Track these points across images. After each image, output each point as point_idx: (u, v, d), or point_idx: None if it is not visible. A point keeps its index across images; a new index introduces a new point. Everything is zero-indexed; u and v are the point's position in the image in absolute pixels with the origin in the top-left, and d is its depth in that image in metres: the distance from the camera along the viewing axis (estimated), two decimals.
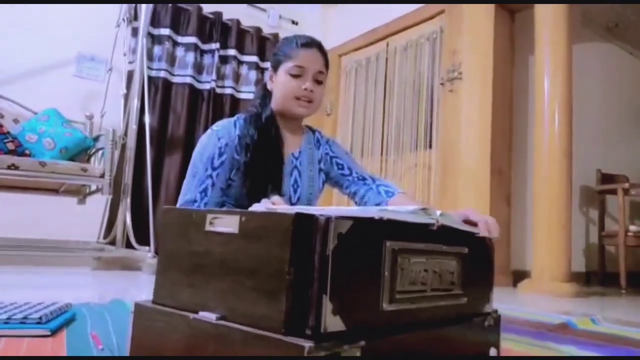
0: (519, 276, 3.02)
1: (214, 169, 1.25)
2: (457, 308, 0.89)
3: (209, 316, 0.72)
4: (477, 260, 0.95)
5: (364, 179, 1.42)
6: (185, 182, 1.27)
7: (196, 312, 0.74)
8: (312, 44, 1.34)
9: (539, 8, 2.98)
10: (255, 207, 0.87)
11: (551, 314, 1.87)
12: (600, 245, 3.64)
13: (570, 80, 2.90)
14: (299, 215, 0.66)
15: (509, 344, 1.19)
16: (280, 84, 1.33)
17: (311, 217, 0.65)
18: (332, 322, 0.63)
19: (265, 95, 1.39)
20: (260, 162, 1.26)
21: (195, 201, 1.23)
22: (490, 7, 3.26)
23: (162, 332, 0.80)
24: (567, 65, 2.90)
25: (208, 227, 0.77)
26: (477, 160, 3.16)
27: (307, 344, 0.60)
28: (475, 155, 3.18)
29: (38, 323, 1.04)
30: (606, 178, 3.71)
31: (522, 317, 1.70)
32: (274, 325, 0.64)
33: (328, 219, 0.64)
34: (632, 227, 3.34)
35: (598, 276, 3.62)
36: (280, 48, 1.37)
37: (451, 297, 0.87)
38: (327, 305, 0.63)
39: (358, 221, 0.68)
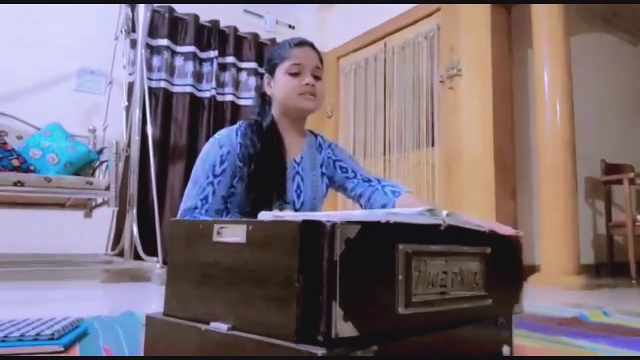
0: (528, 270, 3.01)
1: (215, 176, 1.26)
2: (481, 310, 0.87)
3: (220, 326, 0.72)
4: (503, 260, 0.93)
5: (369, 180, 1.41)
6: (186, 189, 1.28)
7: (207, 323, 0.75)
8: (305, 42, 1.38)
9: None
10: (263, 216, 0.88)
11: (562, 307, 1.86)
12: (608, 236, 3.61)
13: (569, 72, 2.89)
14: (305, 222, 0.66)
15: (521, 340, 1.19)
16: (281, 84, 1.33)
17: (318, 224, 0.65)
18: (344, 328, 0.63)
19: (264, 102, 1.40)
20: (263, 171, 1.27)
21: (196, 208, 1.23)
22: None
23: (174, 344, 0.80)
24: (566, 57, 2.89)
25: (216, 238, 0.77)
26: (481, 156, 3.15)
27: (319, 351, 0.60)
28: (478, 151, 3.17)
29: (51, 339, 1.04)
30: (611, 168, 3.69)
31: (533, 312, 1.69)
32: (286, 333, 0.64)
33: (334, 225, 0.64)
34: None
35: (607, 267, 3.60)
36: (274, 53, 1.39)
37: (475, 298, 0.86)
38: (338, 312, 0.63)
39: (366, 225, 0.68)
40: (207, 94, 3.88)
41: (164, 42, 3.72)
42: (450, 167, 3.33)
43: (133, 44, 3.42)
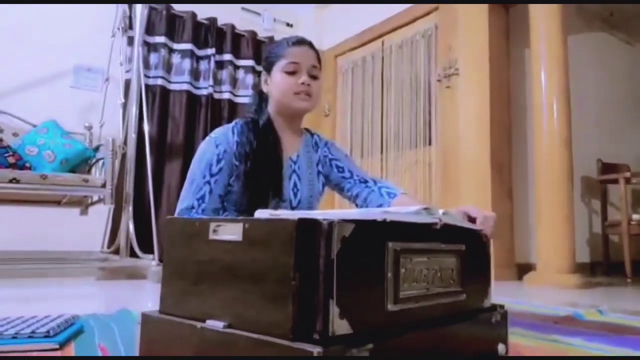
0: (524, 269, 3.02)
1: (211, 175, 1.26)
2: (457, 305, 0.89)
3: (216, 324, 0.72)
4: (474, 256, 0.95)
5: (365, 181, 1.41)
6: (183, 189, 1.28)
7: (203, 321, 0.75)
8: (303, 41, 1.37)
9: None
10: (259, 214, 0.88)
11: (557, 306, 1.87)
12: (603, 235, 3.63)
13: (566, 72, 2.90)
14: (302, 220, 0.66)
15: (516, 338, 1.19)
16: (277, 83, 1.33)
17: (314, 222, 0.65)
18: (340, 326, 0.63)
19: (261, 100, 1.40)
20: (260, 170, 1.27)
21: (192, 208, 1.23)
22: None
23: (170, 342, 0.80)
24: (563, 57, 2.90)
25: (212, 236, 0.77)
26: (477, 155, 3.16)
27: (316, 349, 0.60)
28: (475, 150, 3.18)
29: (46, 337, 1.04)
30: (607, 167, 3.70)
31: (528, 311, 1.70)
32: (282, 331, 0.64)
33: (331, 223, 0.64)
34: (635, 216, 3.33)
35: (603, 266, 3.62)
36: (271, 50, 1.39)
37: (451, 294, 0.88)
38: (334, 310, 0.63)
39: (360, 224, 0.68)
40: (204, 92, 3.87)
41: (161, 39, 3.71)
42: (447, 166, 3.34)
43: (130, 41, 3.41)
